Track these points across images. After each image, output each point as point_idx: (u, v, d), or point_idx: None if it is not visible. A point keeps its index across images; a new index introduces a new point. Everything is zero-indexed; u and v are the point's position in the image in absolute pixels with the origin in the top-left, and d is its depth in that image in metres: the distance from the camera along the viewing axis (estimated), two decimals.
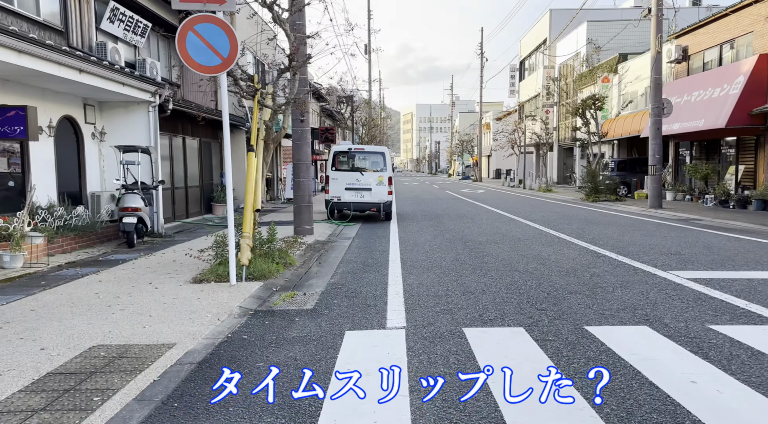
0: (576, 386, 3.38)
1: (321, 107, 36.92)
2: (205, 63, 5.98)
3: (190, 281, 6.63)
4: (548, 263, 7.84)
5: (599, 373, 3.50)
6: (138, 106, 11.35)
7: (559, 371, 3.61)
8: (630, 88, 25.94)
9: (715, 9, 25.60)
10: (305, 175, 11.12)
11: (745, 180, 18.24)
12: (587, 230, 11.92)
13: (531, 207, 18.82)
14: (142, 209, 9.76)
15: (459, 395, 3.30)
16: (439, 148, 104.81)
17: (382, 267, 7.75)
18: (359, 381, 3.41)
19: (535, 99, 40.32)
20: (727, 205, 17.35)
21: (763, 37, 16.70)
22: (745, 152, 18.42)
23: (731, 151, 19.23)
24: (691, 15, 28.48)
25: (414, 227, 12.80)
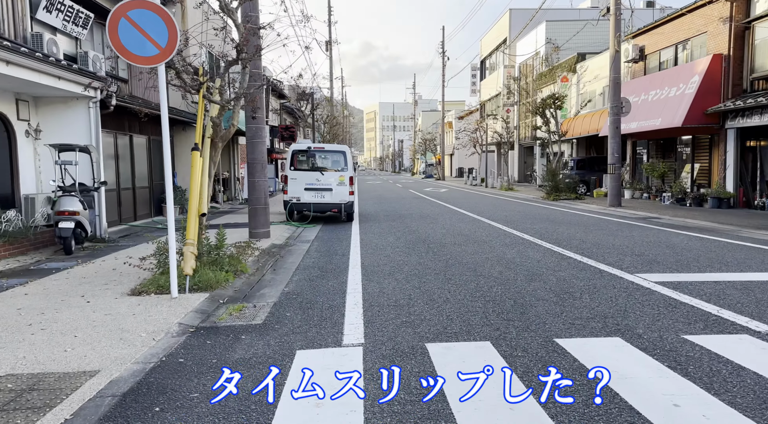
0: (549, 414, 3.03)
1: (281, 105, 36.11)
2: (140, 53, 5.40)
3: (127, 293, 6.03)
4: (513, 266, 7.56)
5: (575, 397, 3.16)
6: (78, 101, 10.55)
7: (531, 395, 3.26)
8: (588, 88, 26.26)
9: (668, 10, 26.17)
10: (260, 175, 10.56)
11: (700, 178, 18.61)
12: (550, 229, 11.77)
13: (494, 206, 18.71)
14: (81, 213, 9.01)
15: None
16: (402, 146, 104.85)
17: (342, 273, 7.32)
18: (308, 414, 2.97)
19: (496, 98, 40.56)
20: (684, 204, 17.65)
21: (717, 37, 17.03)
22: (700, 151, 18.79)
23: (687, 150, 19.60)
24: (646, 16, 29.12)
25: (376, 229, 12.40)
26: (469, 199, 23.01)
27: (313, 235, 11.64)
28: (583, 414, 3.03)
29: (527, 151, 37.97)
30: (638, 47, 21.63)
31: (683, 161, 19.82)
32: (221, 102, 6.81)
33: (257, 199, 10.54)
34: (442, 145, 52.03)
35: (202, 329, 4.84)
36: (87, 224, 9.28)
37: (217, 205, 19.64)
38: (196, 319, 5.11)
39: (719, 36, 16.94)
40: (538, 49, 32.84)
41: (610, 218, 14.28)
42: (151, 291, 6.03)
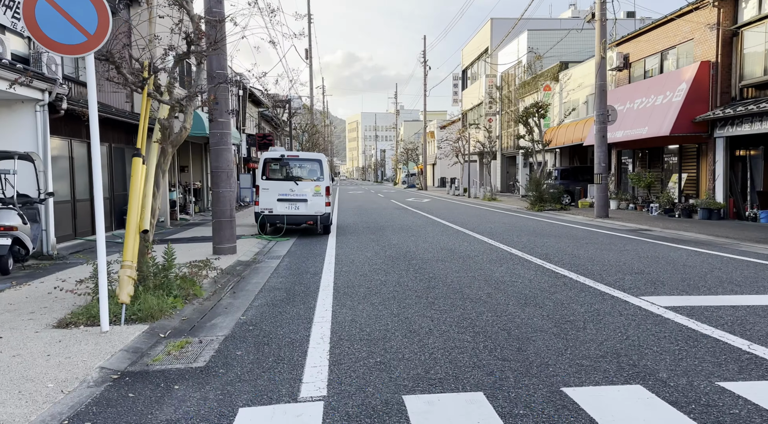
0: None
1: (260, 113, 35.15)
2: (62, 40, 4.52)
3: (53, 325, 5.09)
4: (503, 287, 6.77)
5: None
6: (23, 105, 9.58)
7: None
8: (572, 97, 25.85)
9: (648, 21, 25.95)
10: (225, 185, 9.66)
11: (688, 188, 18.15)
12: (538, 243, 11.04)
13: (478, 217, 17.99)
14: (20, 228, 8.01)
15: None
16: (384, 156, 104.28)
17: (310, 296, 6.45)
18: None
19: (478, 107, 40.13)
20: (673, 215, 17.13)
21: (704, 44, 16.63)
22: (687, 161, 18.34)
23: (674, 159, 19.16)
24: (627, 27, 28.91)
25: (354, 243, 11.55)
26: (452, 209, 22.29)
27: (285, 250, 10.74)
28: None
29: (510, 161, 37.53)
30: (622, 55, 21.24)
31: (670, 171, 19.37)
32: (170, 102, 5.93)
33: (222, 211, 9.62)
34: (424, 155, 51.48)
35: (128, 374, 3.93)
36: (27, 241, 8.26)
37: (188, 217, 18.61)
38: (125, 361, 4.20)
39: (706, 43, 16.55)
40: (520, 58, 32.48)
41: (599, 230, 13.63)
42: (81, 323, 5.09)
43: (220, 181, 9.62)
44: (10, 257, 8.02)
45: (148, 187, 5.77)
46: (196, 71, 6.33)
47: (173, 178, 18.93)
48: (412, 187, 56.57)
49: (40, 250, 9.56)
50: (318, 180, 12.94)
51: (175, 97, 5.98)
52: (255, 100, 31.22)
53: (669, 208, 17.51)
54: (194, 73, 6.31)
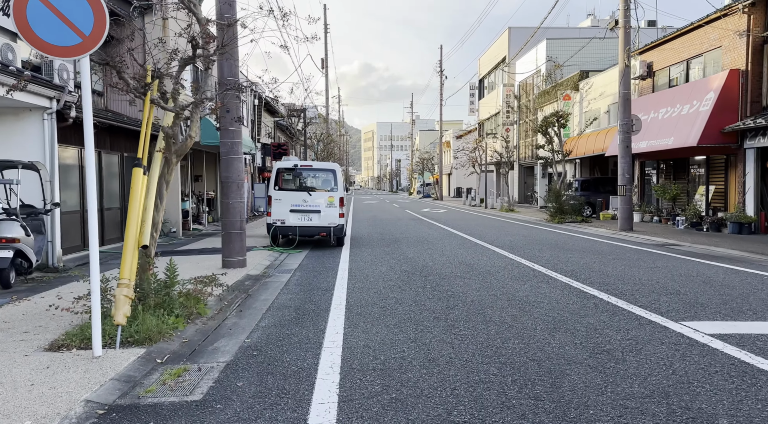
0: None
1: (275, 123, 35.06)
2: (55, 42, 4.20)
3: (45, 347, 4.74)
4: (528, 308, 6.28)
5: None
6: (30, 113, 9.36)
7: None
8: (593, 106, 25.26)
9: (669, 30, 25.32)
10: (235, 195, 9.32)
11: (715, 201, 17.44)
12: (562, 258, 10.51)
13: (496, 229, 17.46)
14: (22, 240, 7.72)
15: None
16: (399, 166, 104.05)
17: (321, 316, 6.03)
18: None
19: (495, 117, 39.64)
20: (700, 228, 16.44)
21: (733, 51, 16.01)
22: (715, 172, 17.65)
23: (700, 170, 18.48)
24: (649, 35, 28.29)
25: (368, 256, 11.13)
26: (468, 221, 21.78)
27: (296, 263, 10.36)
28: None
29: (528, 171, 36.91)
30: (646, 63, 20.66)
31: (696, 183, 18.68)
32: (174, 109, 5.60)
33: (231, 223, 9.27)
34: (440, 165, 51.03)
35: (116, 409, 3.54)
36: (31, 253, 7.98)
37: (201, 227, 18.36)
38: (114, 392, 3.81)
39: (735, 50, 15.93)
40: (538, 66, 31.98)
41: (625, 245, 13.03)
42: (74, 345, 4.74)
43: (230, 191, 9.29)
44: (12, 270, 7.73)
45: (149, 200, 5.42)
46: (202, 76, 6.00)
47: (186, 187, 18.75)
48: (428, 197, 56.08)
49: (46, 262, 9.30)
50: (332, 191, 12.58)
51: (180, 105, 5.65)
52: (270, 109, 31.11)
53: (696, 221, 16.81)
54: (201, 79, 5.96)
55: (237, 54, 8.42)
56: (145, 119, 5.34)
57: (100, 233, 12.55)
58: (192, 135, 5.85)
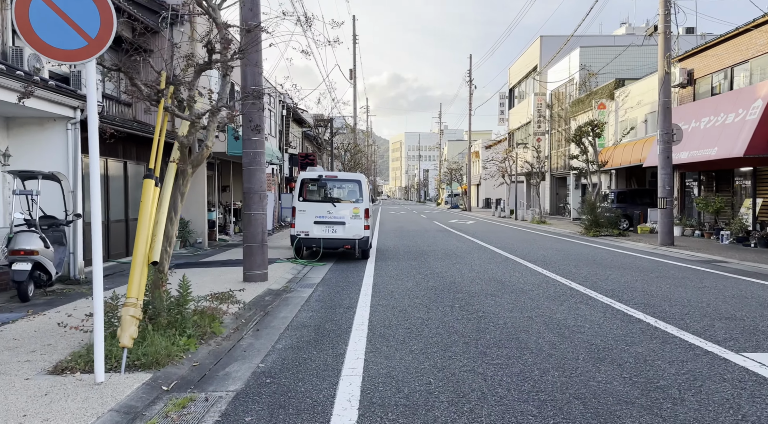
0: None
1: (303, 133, 35.09)
2: (59, 45, 3.94)
3: (48, 370, 4.45)
4: (567, 333, 5.75)
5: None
6: (55, 123, 9.29)
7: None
8: (630, 115, 24.38)
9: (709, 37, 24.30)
10: (257, 207, 9.04)
11: (763, 215, 16.44)
12: (600, 275, 9.88)
13: (527, 243, 16.81)
14: (41, 252, 7.56)
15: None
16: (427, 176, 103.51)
17: (341, 338, 5.63)
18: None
19: (526, 127, 38.88)
20: (747, 244, 15.47)
21: None
22: (763, 184, 16.66)
23: (746, 182, 17.49)
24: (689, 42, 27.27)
25: (394, 270, 10.70)
26: (498, 233, 21.15)
27: (319, 276, 10.01)
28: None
29: (560, 182, 35.96)
30: (686, 71, 19.80)
31: (742, 195, 17.68)
32: (190, 117, 5.31)
33: (253, 235, 8.99)
34: (469, 175, 50.36)
35: None
36: (50, 265, 7.80)
37: (227, 238, 18.25)
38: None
39: None
40: (571, 75, 31.20)
41: (667, 261, 12.28)
42: (78, 368, 4.44)
43: (252, 203, 9.02)
44: (30, 283, 7.57)
45: (161, 213, 5.12)
46: (220, 83, 5.72)
47: (213, 198, 18.69)
48: (456, 207, 55.40)
49: (67, 274, 9.16)
50: (357, 202, 12.23)
51: (196, 113, 5.36)
52: (298, 119, 31.12)
53: (742, 236, 15.85)
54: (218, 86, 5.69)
55: (260, 61, 8.17)
56: (158, 127, 5.07)
57: (124, 243, 12.49)
58: (209, 144, 5.56)
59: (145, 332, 4.85)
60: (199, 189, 15.65)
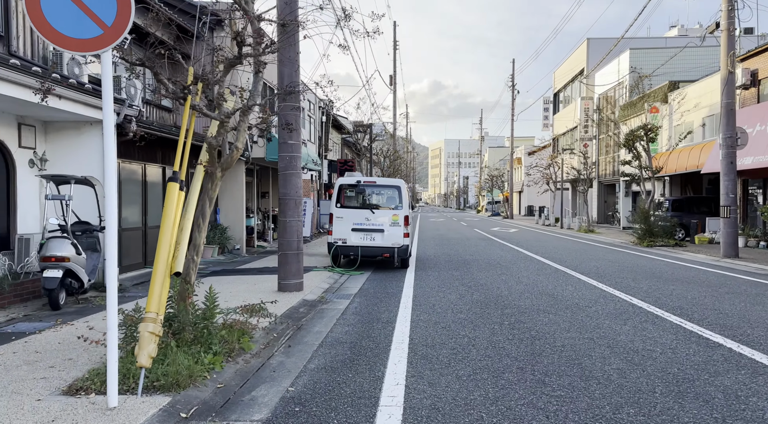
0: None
1: (342, 139, 34.92)
2: (73, 34, 3.59)
3: (63, 390, 4.10)
4: (638, 359, 5.04)
5: None
6: (91, 127, 9.18)
7: None
8: (686, 119, 23.02)
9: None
10: (293, 214, 8.64)
11: None
12: (663, 290, 9.02)
13: (577, 253, 15.89)
14: (72, 259, 7.35)
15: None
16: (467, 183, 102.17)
17: (379, 358, 5.10)
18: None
19: (572, 132, 37.55)
20: None
21: None
22: None
23: None
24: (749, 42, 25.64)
25: (435, 280, 10.11)
26: (544, 242, 20.21)
27: (357, 286, 9.53)
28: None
29: (608, 189, 34.48)
30: (749, 71, 18.49)
31: None
32: (219, 116, 4.92)
33: (288, 243, 8.59)
34: (510, 182, 49.14)
35: None
36: (82, 272, 7.60)
37: (265, 244, 18.06)
38: None
39: None
40: (621, 78, 29.89)
41: (735, 275, 11.23)
42: (94, 388, 4.06)
43: (287, 209, 8.63)
44: (62, 291, 7.37)
45: (186, 220, 4.74)
46: (253, 81, 5.32)
47: (252, 204, 18.56)
48: (497, 215, 54.17)
49: (101, 281, 8.97)
50: (396, 208, 11.72)
51: (225, 112, 4.97)
52: (338, 125, 30.95)
53: None
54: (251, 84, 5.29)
55: (297, 58, 7.77)
56: (184, 127, 4.70)
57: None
58: (238, 146, 5.16)
59: (168, 349, 4.46)
60: (238, 195, 15.49)
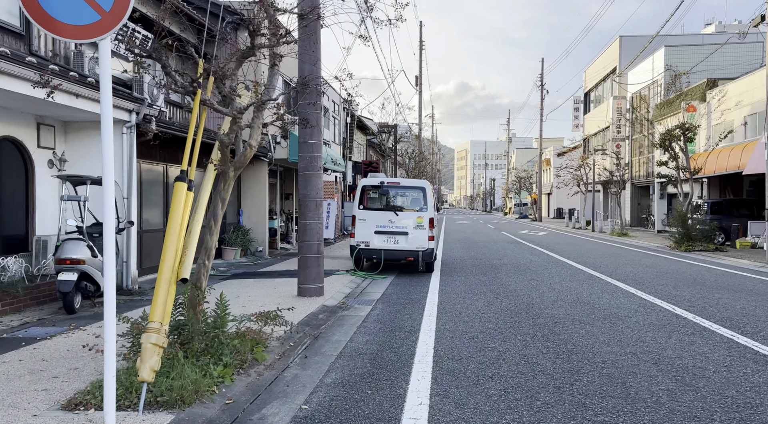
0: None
1: (367, 141, 34.65)
2: (70, 20, 3.31)
3: (62, 403, 3.83)
4: (689, 378, 4.53)
5: None
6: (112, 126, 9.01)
7: None
8: (726, 118, 22.00)
9: None
10: (313, 215, 8.32)
11: None
12: (709, 299, 8.40)
13: (611, 257, 15.20)
14: (87, 261, 7.15)
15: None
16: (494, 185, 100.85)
17: (401, 373, 4.71)
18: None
19: (604, 132, 36.49)
20: None
21: None
22: None
23: None
24: None
25: (461, 286, 9.67)
26: (575, 246, 19.51)
27: (379, 291, 9.16)
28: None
29: (642, 191, 33.35)
30: None
31: None
32: (231, 112, 4.61)
33: (308, 246, 8.27)
34: (539, 184, 48.16)
35: None
36: (98, 275, 7.39)
37: (288, 247, 17.83)
38: None
39: None
40: (655, 77, 28.86)
41: None
42: (92, 403, 3.78)
43: (307, 211, 8.31)
44: (77, 295, 7.19)
45: (195, 222, 4.44)
46: (267, 75, 5.00)
47: (276, 205, 18.37)
48: (525, 217, 53.18)
49: (119, 284, 8.79)
50: (421, 211, 11.31)
51: (238, 107, 4.66)
52: (362, 126, 30.68)
53: None
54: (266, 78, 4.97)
55: (317, 52, 7.44)
56: (193, 123, 4.41)
57: None
58: (252, 144, 4.84)
59: (175, 361, 4.16)
60: (261, 197, 15.29)
